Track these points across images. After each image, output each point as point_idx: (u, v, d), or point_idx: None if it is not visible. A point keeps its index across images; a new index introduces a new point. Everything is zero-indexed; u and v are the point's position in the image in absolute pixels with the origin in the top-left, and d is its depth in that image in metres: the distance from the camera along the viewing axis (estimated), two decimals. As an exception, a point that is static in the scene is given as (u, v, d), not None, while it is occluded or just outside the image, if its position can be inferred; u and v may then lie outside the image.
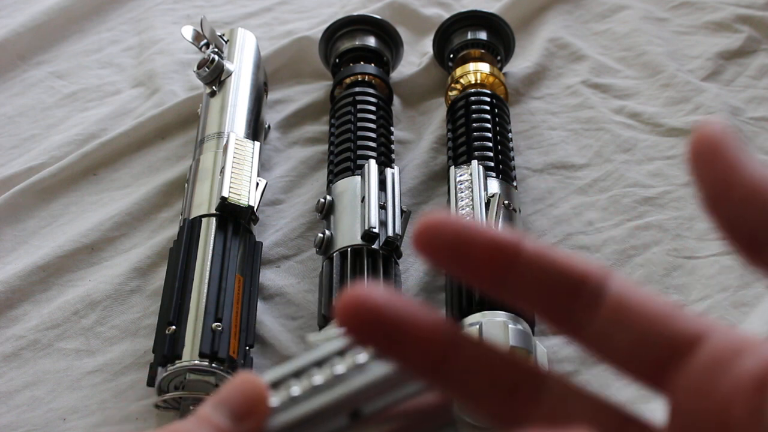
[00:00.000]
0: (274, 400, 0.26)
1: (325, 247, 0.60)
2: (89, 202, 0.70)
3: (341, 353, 0.26)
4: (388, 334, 0.23)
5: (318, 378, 0.26)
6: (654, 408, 0.22)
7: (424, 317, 0.24)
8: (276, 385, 0.26)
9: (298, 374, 0.26)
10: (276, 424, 0.26)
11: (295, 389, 0.26)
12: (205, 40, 0.71)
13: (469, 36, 0.76)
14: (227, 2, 0.91)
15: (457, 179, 0.62)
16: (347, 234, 0.60)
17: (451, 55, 0.76)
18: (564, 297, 0.23)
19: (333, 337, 0.27)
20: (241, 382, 0.26)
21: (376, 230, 0.58)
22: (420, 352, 0.24)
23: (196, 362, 0.52)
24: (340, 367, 0.26)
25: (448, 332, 0.24)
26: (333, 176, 0.66)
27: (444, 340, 0.24)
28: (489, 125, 0.67)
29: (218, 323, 0.54)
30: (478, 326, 0.52)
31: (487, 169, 0.63)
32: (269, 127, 0.73)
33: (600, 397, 0.24)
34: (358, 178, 0.63)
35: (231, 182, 0.61)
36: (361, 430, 0.26)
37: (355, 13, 0.79)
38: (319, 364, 0.26)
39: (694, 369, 0.22)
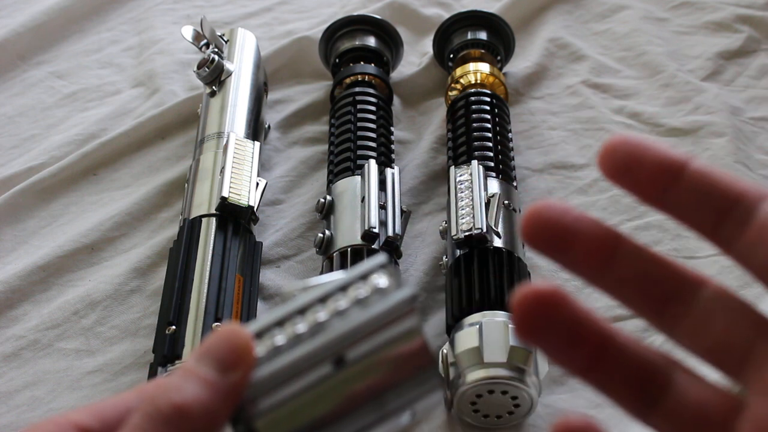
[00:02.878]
0: (259, 350, 0.26)
1: (325, 247, 0.60)
2: (89, 202, 0.70)
3: (323, 300, 0.27)
4: (562, 239, 0.25)
5: (301, 326, 0.26)
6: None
7: (594, 225, 0.26)
8: (260, 335, 0.26)
9: (281, 323, 0.26)
10: (261, 374, 0.26)
11: (279, 338, 0.26)
12: (205, 40, 0.71)
13: (469, 36, 0.76)
14: (227, 2, 0.91)
15: (457, 179, 0.62)
16: (347, 234, 0.60)
17: (451, 55, 0.76)
18: (717, 213, 0.25)
19: (310, 286, 0.27)
20: (225, 332, 0.26)
21: (376, 230, 0.58)
22: (586, 256, 0.25)
23: (196, 362, 0.52)
24: (322, 314, 0.26)
25: (613, 238, 0.26)
26: (333, 176, 0.66)
27: (608, 246, 0.25)
28: (489, 125, 0.67)
29: (218, 323, 0.54)
30: (478, 326, 0.52)
31: (487, 169, 0.63)
32: (269, 127, 0.73)
33: (754, 312, 0.25)
34: (358, 178, 0.63)
35: (231, 182, 0.61)
36: (346, 377, 0.26)
37: (355, 13, 0.79)
38: (302, 311, 0.26)
39: None
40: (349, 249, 0.59)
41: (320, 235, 0.60)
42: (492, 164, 0.64)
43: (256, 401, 0.26)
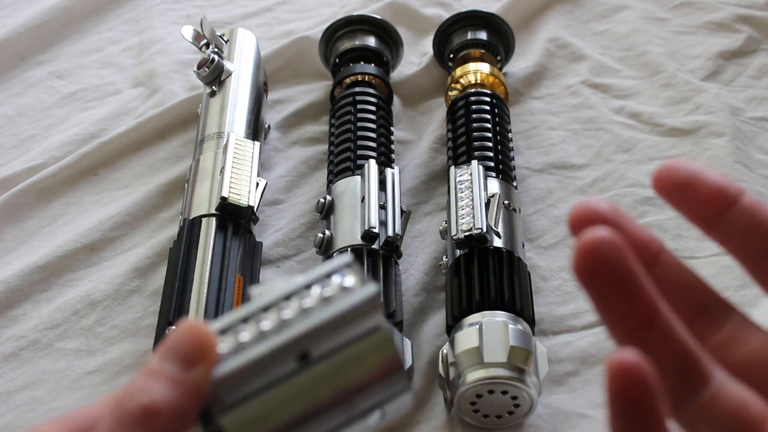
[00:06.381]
0: (223, 346, 0.26)
1: (325, 247, 0.60)
2: (89, 202, 0.70)
3: (288, 298, 0.27)
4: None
5: (266, 323, 0.26)
6: None
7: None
8: (224, 332, 0.26)
9: (246, 320, 0.26)
10: (225, 370, 0.26)
11: (244, 335, 0.26)
12: (205, 40, 0.71)
13: (469, 36, 0.76)
14: (227, 2, 0.91)
15: (457, 179, 0.62)
16: (347, 234, 0.60)
17: (451, 55, 0.76)
18: (764, 247, 0.26)
19: (276, 287, 0.27)
20: (186, 329, 0.26)
21: (376, 230, 0.58)
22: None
23: (196, 362, 0.52)
24: (287, 312, 0.26)
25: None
26: (333, 176, 0.66)
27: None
28: (489, 125, 0.67)
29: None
30: (478, 326, 0.52)
31: (487, 169, 0.63)
32: (269, 127, 0.73)
33: None
34: (358, 178, 0.63)
35: (231, 182, 0.61)
36: (312, 375, 0.26)
37: (355, 13, 0.79)
38: (267, 309, 0.26)
39: None
40: (349, 249, 0.59)
41: (320, 235, 0.60)
42: (492, 164, 0.64)
43: (221, 398, 0.26)
